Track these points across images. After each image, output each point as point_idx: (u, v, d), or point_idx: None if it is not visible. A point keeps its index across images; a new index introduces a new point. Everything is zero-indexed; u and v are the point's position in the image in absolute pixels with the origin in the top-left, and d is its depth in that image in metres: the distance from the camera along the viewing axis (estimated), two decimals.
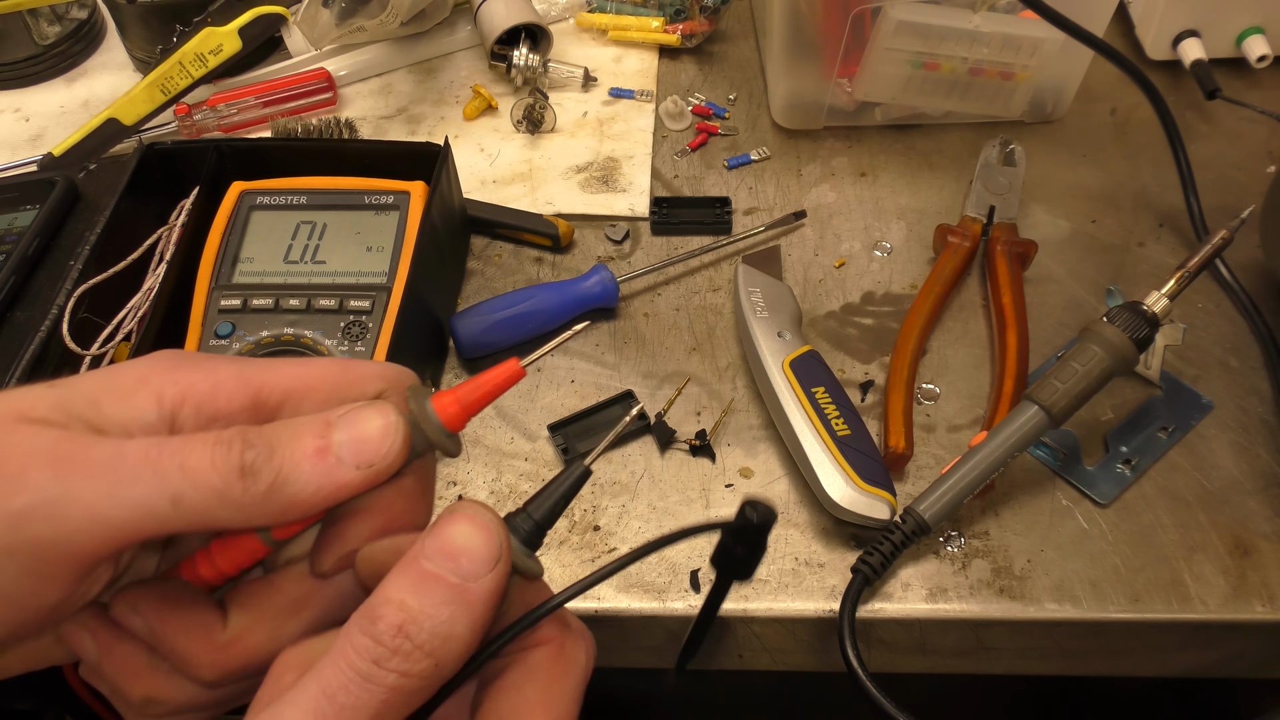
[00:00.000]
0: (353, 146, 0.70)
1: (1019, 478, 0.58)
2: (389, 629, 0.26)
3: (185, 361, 0.31)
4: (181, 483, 0.27)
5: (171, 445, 0.27)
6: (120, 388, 0.29)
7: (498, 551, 0.28)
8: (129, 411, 0.29)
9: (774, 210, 0.72)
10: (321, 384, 0.31)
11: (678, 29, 0.82)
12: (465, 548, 0.27)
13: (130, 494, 0.27)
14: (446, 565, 0.27)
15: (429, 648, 0.26)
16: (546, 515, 0.31)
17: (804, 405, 0.57)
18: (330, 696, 0.25)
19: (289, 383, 0.31)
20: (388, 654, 0.26)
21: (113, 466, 0.27)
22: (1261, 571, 0.54)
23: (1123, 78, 0.70)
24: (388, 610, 0.26)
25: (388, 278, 0.60)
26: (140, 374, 0.30)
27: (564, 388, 0.63)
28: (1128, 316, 0.53)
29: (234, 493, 0.27)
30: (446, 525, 0.28)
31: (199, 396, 0.30)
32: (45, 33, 0.83)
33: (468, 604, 0.27)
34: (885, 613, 0.53)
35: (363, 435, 0.29)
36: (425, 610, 0.26)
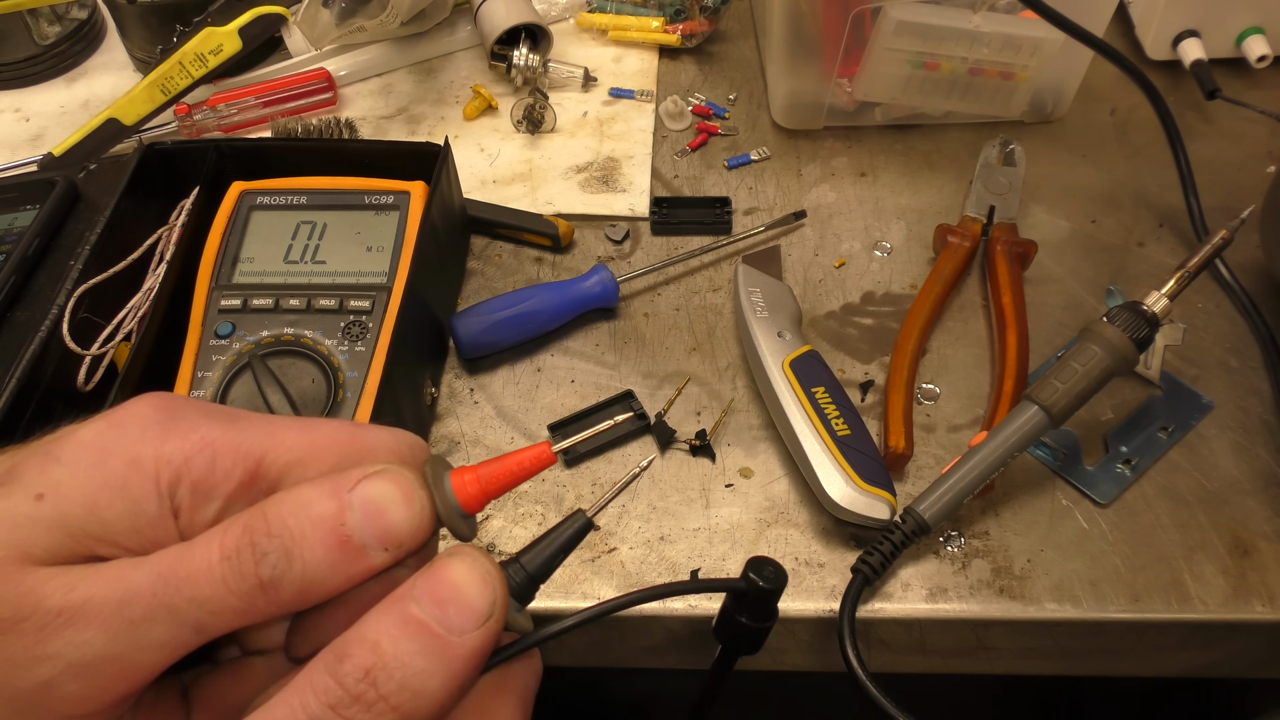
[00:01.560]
0: (353, 146, 0.70)
1: (1019, 478, 0.58)
2: (355, 670, 0.24)
3: (177, 424, 0.28)
4: (199, 614, 0.25)
5: (178, 576, 0.25)
6: (113, 481, 0.27)
7: (491, 607, 0.25)
8: (131, 509, 0.27)
9: (774, 210, 0.72)
10: (328, 453, 0.28)
11: (678, 29, 0.82)
12: (457, 596, 0.25)
13: (151, 638, 0.25)
14: (433, 612, 0.25)
15: (395, 700, 0.24)
16: (541, 568, 0.28)
17: (804, 405, 0.57)
18: None
19: (292, 453, 0.28)
20: (348, 700, 0.23)
21: (123, 613, 0.25)
22: (1261, 571, 0.54)
23: (1123, 78, 0.70)
24: (359, 650, 0.24)
25: (388, 278, 0.60)
26: (131, 452, 0.27)
27: (564, 388, 0.63)
28: (1128, 316, 0.53)
29: (258, 606, 0.25)
30: (442, 568, 0.25)
31: (195, 474, 0.27)
32: (45, 33, 0.83)
33: (447, 659, 0.24)
34: (885, 613, 0.53)
35: (388, 519, 0.26)
36: (398, 657, 0.24)
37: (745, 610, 0.29)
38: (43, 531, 0.26)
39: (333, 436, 0.29)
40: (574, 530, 0.28)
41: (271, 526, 0.26)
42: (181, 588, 0.25)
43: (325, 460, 0.28)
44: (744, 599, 0.28)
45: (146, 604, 0.25)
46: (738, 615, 0.29)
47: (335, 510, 0.26)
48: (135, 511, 0.27)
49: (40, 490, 0.26)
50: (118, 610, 0.25)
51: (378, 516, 0.26)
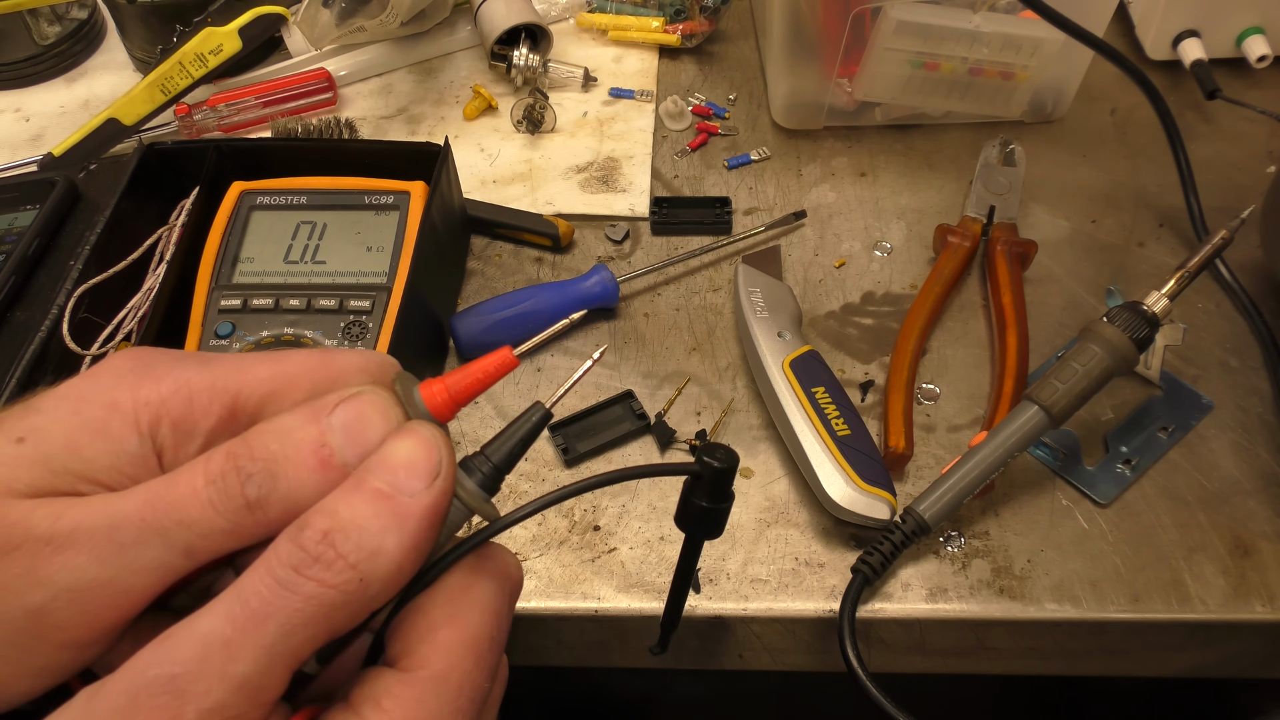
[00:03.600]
0: (353, 146, 0.70)
1: (1019, 478, 0.58)
2: (314, 534, 0.25)
3: (151, 371, 0.29)
4: (188, 536, 0.26)
5: (164, 501, 0.26)
6: (93, 424, 0.28)
7: (437, 467, 0.27)
8: (111, 449, 0.27)
9: (774, 210, 0.72)
10: (300, 381, 0.30)
11: (678, 29, 0.82)
12: (404, 461, 0.26)
13: (142, 562, 0.26)
14: (383, 477, 0.26)
15: (354, 559, 0.25)
16: (505, 459, 0.29)
17: (804, 405, 0.57)
18: (244, 600, 0.24)
19: (266, 385, 0.29)
20: (308, 560, 0.25)
21: (113, 538, 0.26)
22: (1261, 571, 0.54)
23: (1123, 78, 0.70)
24: (317, 518, 0.25)
25: (388, 278, 0.60)
26: (107, 398, 0.28)
27: None
28: (1128, 316, 0.53)
29: (246, 527, 0.26)
30: (390, 440, 0.27)
31: (174, 414, 0.28)
32: (45, 33, 0.83)
33: (400, 518, 0.26)
34: (885, 613, 0.53)
35: (367, 439, 0.27)
36: (355, 520, 0.25)
37: (703, 494, 0.30)
38: (25, 468, 0.26)
39: (303, 365, 0.30)
40: (534, 421, 0.29)
41: (254, 451, 0.27)
42: (169, 511, 0.26)
43: (300, 389, 0.29)
44: (700, 481, 0.30)
45: (135, 529, 0.26)
46: (695, 499, 0.30)
47: (316, 433, 0.27)
48: (116, 450, 0.27)
49: (20, 435, 0.27)
50: (107, 536, 0.26)
51: (357, 435, 0.27)
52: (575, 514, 0.57)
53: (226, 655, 0.24)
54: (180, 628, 0.24)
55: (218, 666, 0.24)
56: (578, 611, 0.53)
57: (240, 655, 0.24)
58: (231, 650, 0.24)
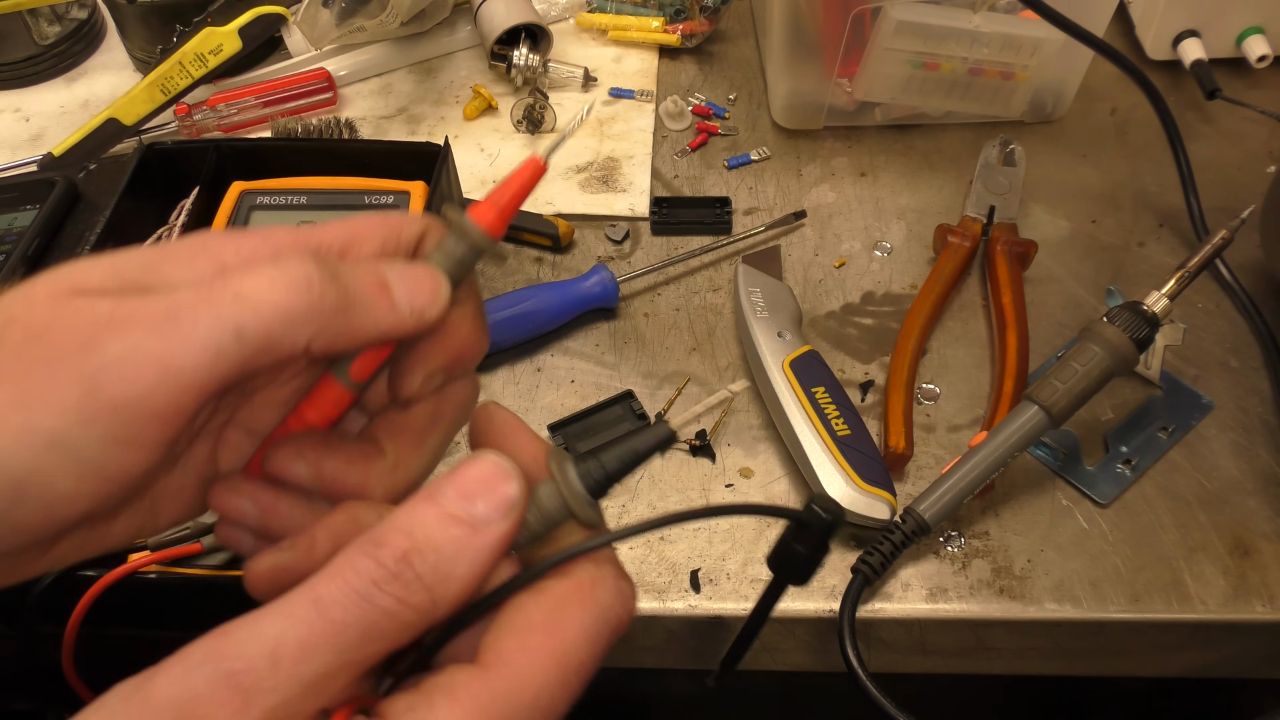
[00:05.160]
0: (353, 146, 0.70)
1: (1019, 478, 0.58)
2: (393, 554, 0.26)
3: (239, 232, 0.31)
4: (240, 311, 0.26)
5: (223, 279, 0.27)
6: (178, 254, 0.29)
7: (514, 501, 0.27)
8: (188, 272, 0.29)
9: (774, 210, 0.72)
10: (372, 232, 0.32)
11: (678, 29, 0.82)
12: (481, 487, 0.27)
13: (194, 337, 0.26)
14: (460, 504, 0.27)
15: (429, 580, 0.26)
16: (618, 468, 0.30)
17: (804, 405, 0.57)
18: (322, 609, 0.25)
19: (343, 238, 0.31)
20: (388, 577, 0.26)
21: (172, 316, 0.26)
22: (1261, 571, 0.54)
23: (1123, 78, 0.70)
24: (395, 538, 0.26)
25: None
26: (199, 242, 0.30)
27: (564, 388, 0.63)
28: (1128, 316, 0.53)
29: (298, 305, 0.27)
30: (468, 466, 0.28)
31: (262, 259, 0.29)
32: (45, 33, 0.83)
33: (475, 543, 0.27)
34: (885, 613, 0.53)
35: (417, 287, 0.30)
36: (432, 543, 0.26)
37: (806, 543, 0.30)
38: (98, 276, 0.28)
39: (371, 222, 0.32)
40: (656, 439, 0.30)
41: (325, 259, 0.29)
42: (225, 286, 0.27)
43: (374, 238, 0.32)
44: (806, 530, 0.30)
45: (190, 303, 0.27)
46: (797, 546, 0.31)
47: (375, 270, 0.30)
48: (193, 275, 0.29)
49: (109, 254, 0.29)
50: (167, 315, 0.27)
51: (411, 286, 0.30)
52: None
53: (295, 657, 0.24)
54: (240, 626, 0.25)
55: (286, 667, 0.24)
56: None
57: (315, 659, 0.24)
58: (306, 653, 0.24)
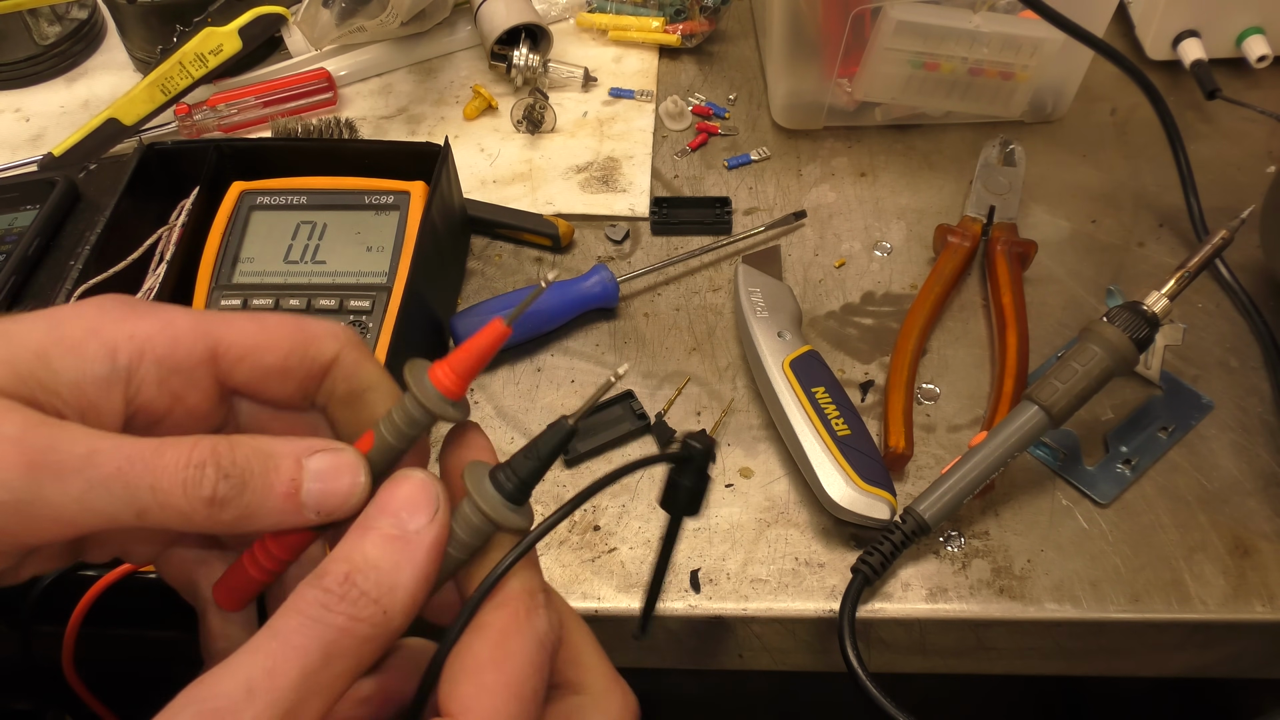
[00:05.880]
0: (353, 146, 0.70)
1: (1019, 478, 0.58)
2: (336, 579, 0.27)
3: (136, 310, 0.31)
4: (150, 501, 0.28)
5: (145, 460, 0.28)
6: (69, 340, 0.29)
7: (434, 503, 0.29)
8: (80, 367, 0.29)
9: (774, 210, 0.72)
10: (279, 342, 0.32)
11: (678, 29, 0.82)
12: (403, 503, 0.29)
13: (98, 503, 0.27)
14: (386, 521, 0.28)
15: (375, 594, 0.27)
16: (530, 473, 0.31)
17: (804, 405, 0.57)
18: (283, 639, 0.26)
19: (248, 339, 0.31)
20: (335, 599, 0.27)
21: (84, 472, 0.27)
22: (1261, 571, 0.54)
23: (1123, 78, 0.70)
24: (335, 566, 0.27)
25: (388, 278, 0.60)
26: (89, 324, 0.30)
27: (564, 388, 0.63)
28: (1128, 316, 0.53)
29: (198, 517, 0.28)
30: (389, 489, 0.29)
31: (158, 350, 0.30)
32: (45, 33, 0.83)
33: (409, 552, 0.28)
34: (885, 613, 0.53)
35: (332, 490, 0.29)
36: (369, 561, 0.27)
37: (686, 475, 0.33)
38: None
39: (282, 326, 0.32)
40: (558, 438, 0.31)
41: (236, 457, 0.29)
42: (147, 472, 0.27)
43: (279, 347, 0.32)
44: (687, 464, 0.33)
45: (110, 471, 0.27)
46: (680, 480, 0.34)
47: (293, 466, 0.29)
48: (84, 370, 0.29)
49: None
50: (80, 468, 0.27)
51: (326, 484, 0.29)
52: (575, 514, 0.57)
53: (270, 685, 0.25)
54: (214, 672, 0.26)
55: (263, 698, 0.25)
56: (578, 611, 0.53)
57: (283, 682, 0.26)
58: (275, 679, 0.26)
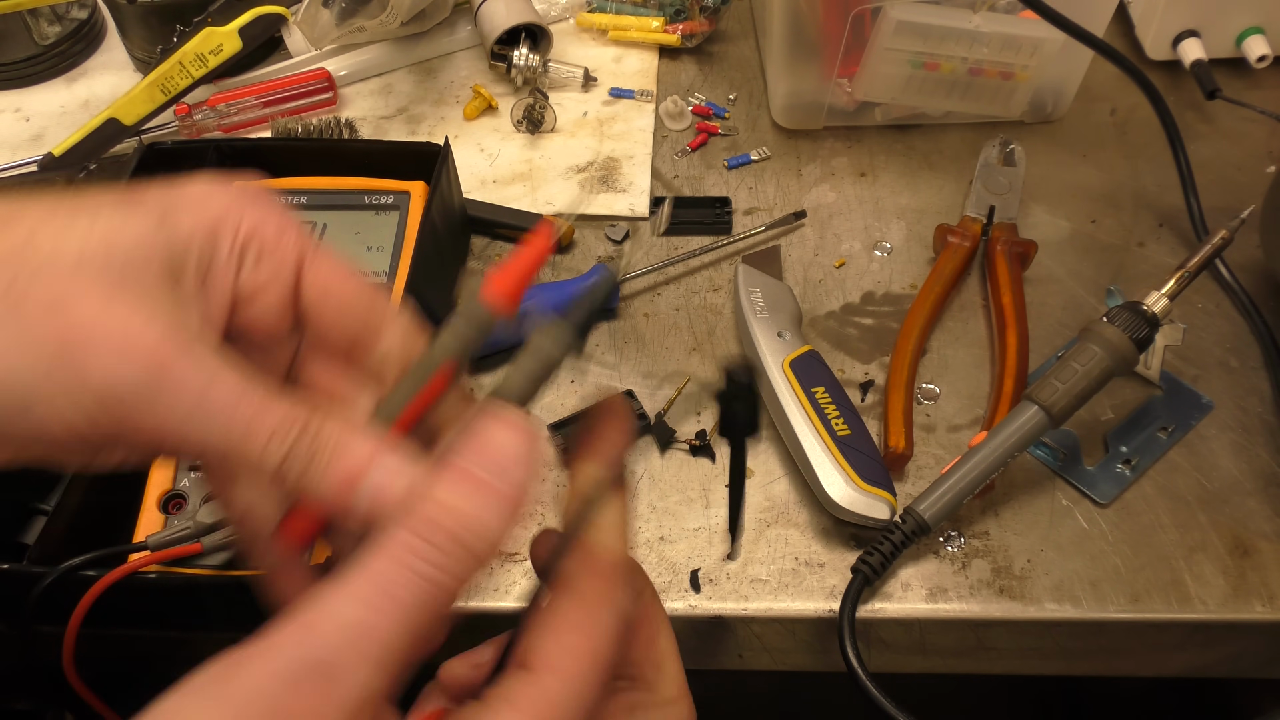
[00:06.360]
0: (353, 146, 0.70)
1: (1019, 478, 0.58)
2: (442, 532, 0.27)
3: (268, 200, 0.33)
4: (235, 445, 0.29)
5: (249, 409, 0.29)
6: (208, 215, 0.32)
7: (531, 455, 0.29)
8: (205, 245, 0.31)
9: (774, 210, 0.72)
10: (353, 309, 0.34)
11: (678, 29, 0.82)
12: (510, 455, 0.29)
13: (193, 427, 0.29)
14: (484, 465, 0.28)
15: (463, 539, 0.28)
16: (584, 320, 0.32)
17: (804, 405, 0.57)
18: (377, 585, 0.27)
19: (330, 288, 0.34)
20: (428, 546, 0.27)
21: (197, 398, 0.29)
22: (1261, 571, 0.54)
23: (1123, 78, 0.70)
24: (429, 506, 0.28)
25: (388, 277, 0.60)
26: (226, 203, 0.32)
27: (564, 388, 0.63)
28: (1128, 316, 0.53)
29: (263, 473, 0.29)
30: (489, 431, 0.29)
31: (265, 239, 0.33)
32: (45, 33, 0.83)
33: (501, 502, 0.28)
34: (885, 613, 0.53)
35: (387, 498, 0.30)
36: (458, 505, 0.28)
37: (739, 398, 0.35)
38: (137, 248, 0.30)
39: (361, 297, 0.34)
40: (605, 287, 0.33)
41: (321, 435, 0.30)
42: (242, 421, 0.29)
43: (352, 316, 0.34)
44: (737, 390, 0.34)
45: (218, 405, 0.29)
46: (735, 405, 0.35)
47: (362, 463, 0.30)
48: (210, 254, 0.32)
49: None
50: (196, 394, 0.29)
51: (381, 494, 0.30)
52: None
53: (369, 638, 0.26)
54: (318, 610, 0.26)
55: (362, 649, 0.26)
56: None
57: (380, 637, 0.26)
58: (374, 633, 0.26)
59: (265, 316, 0.34)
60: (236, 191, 0.33)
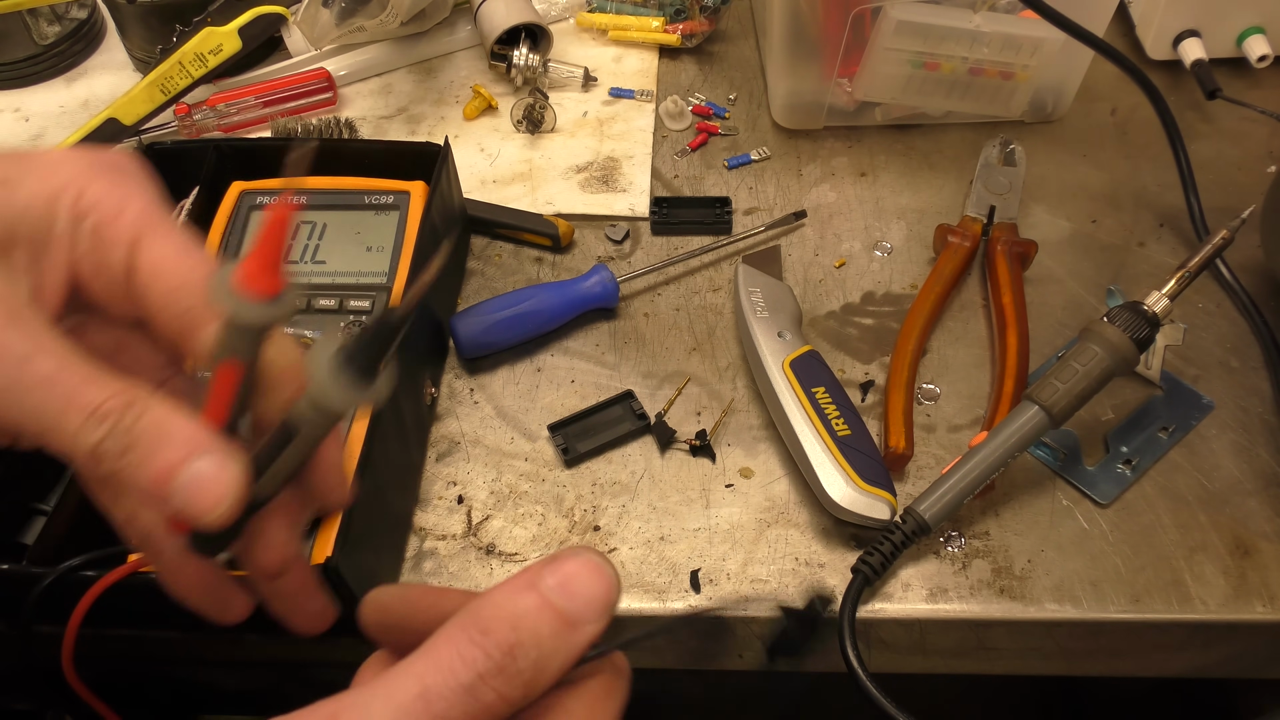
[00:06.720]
0: (353, 146, 0.70)
1: (1019, 478, 0.58)
2: (501, 645, 0.26)
3: (116, 172, 0.32)
4: (50, 423, 0.29)
5: (66, 388, 0.29)
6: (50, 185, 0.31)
7: (613, 603, 0.28)
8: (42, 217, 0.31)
9: (774, 210, 0.72)
10: (178, 293, 0.32)
11: (678, 29, 0.82)
12: (587, 593, 0.28)
13: (8, 401, 0.29)
14: (567, 602, 0.27)
15: (528, 676, 0.26)
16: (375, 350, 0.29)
17: (804, 405, 0.57)
18: (428, 701, 0.25)
19: (159, 272, 0.32)
20: (495, 671, 0.26)
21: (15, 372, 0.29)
22: (1262, 571, 0.54)
23: (1123, 78, 0.70)
24: (501, 628, 0.26)
25: (388, 278, 0.60)
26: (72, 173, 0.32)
27: (564, 388, 0.63)
28: (1128, 316, 0.53)
29: (78, 458, 0.29)
30: (571, 563, 0.28)
31: (102, 218, 0.31)
32: (45, 33, 0.83)
33: (569, 644, 0.27)
34: (885, 613, 0.53)
35: (198, 496, 0.29)
36: (536, 638, 0.26)
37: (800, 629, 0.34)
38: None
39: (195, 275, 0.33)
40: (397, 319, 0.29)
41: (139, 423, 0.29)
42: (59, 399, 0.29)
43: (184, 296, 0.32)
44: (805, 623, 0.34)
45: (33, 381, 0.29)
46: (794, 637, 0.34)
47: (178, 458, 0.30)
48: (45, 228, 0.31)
49: None
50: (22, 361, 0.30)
51: (194, 492, 0.30)
52: (575, 514, 0.57)
53: None
54: (349, 709, 0.26)
55: None
56: None
57: None
58: None
59: (109, 298, 0.33)
60: (88, 161, 0.32)
